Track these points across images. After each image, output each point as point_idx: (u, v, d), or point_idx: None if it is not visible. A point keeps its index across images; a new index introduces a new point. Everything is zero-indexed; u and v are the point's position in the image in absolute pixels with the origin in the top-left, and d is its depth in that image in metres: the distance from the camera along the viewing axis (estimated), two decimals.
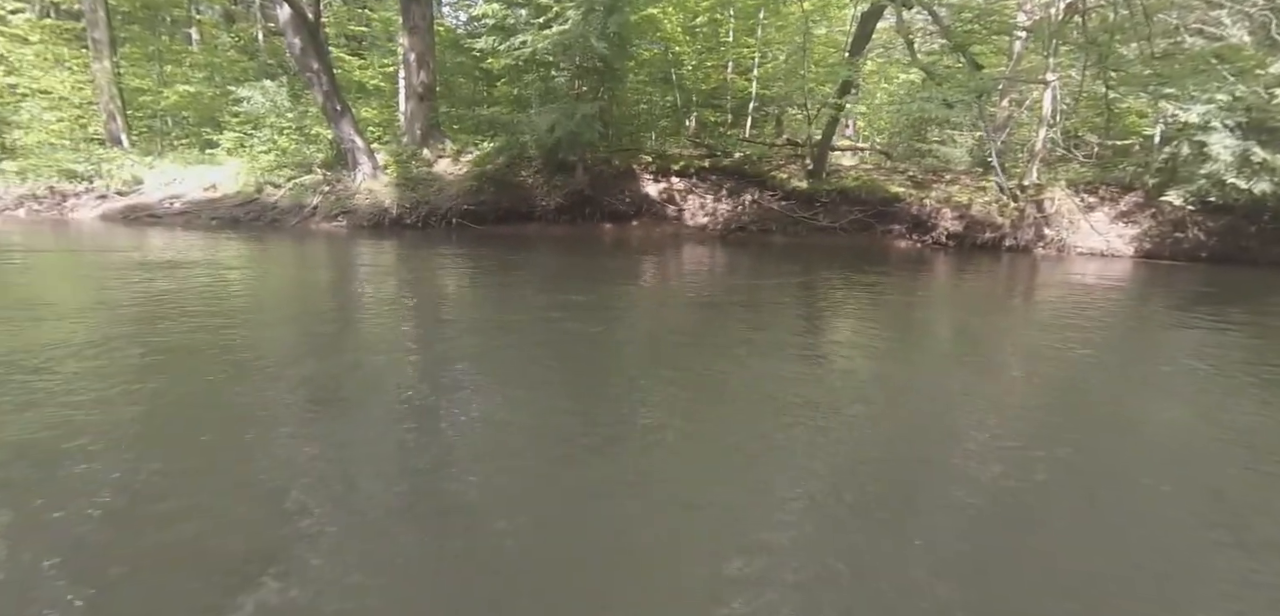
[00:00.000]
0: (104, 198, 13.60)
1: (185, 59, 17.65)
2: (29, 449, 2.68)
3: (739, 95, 14.54)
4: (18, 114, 14.48)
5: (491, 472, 2.68)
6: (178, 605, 1.84)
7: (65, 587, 1.86)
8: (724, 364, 4.35)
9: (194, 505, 2.33)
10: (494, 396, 3.65)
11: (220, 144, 14.04)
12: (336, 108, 11.99)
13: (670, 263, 9.42)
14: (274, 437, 2.98)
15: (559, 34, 10.08)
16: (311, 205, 12.27)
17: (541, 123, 10.88)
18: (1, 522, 2.18)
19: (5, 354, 3.96)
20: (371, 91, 15.78)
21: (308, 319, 5.72)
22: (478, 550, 2.13)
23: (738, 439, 3.14)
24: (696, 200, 13.35)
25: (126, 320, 5.06)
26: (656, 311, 6.31)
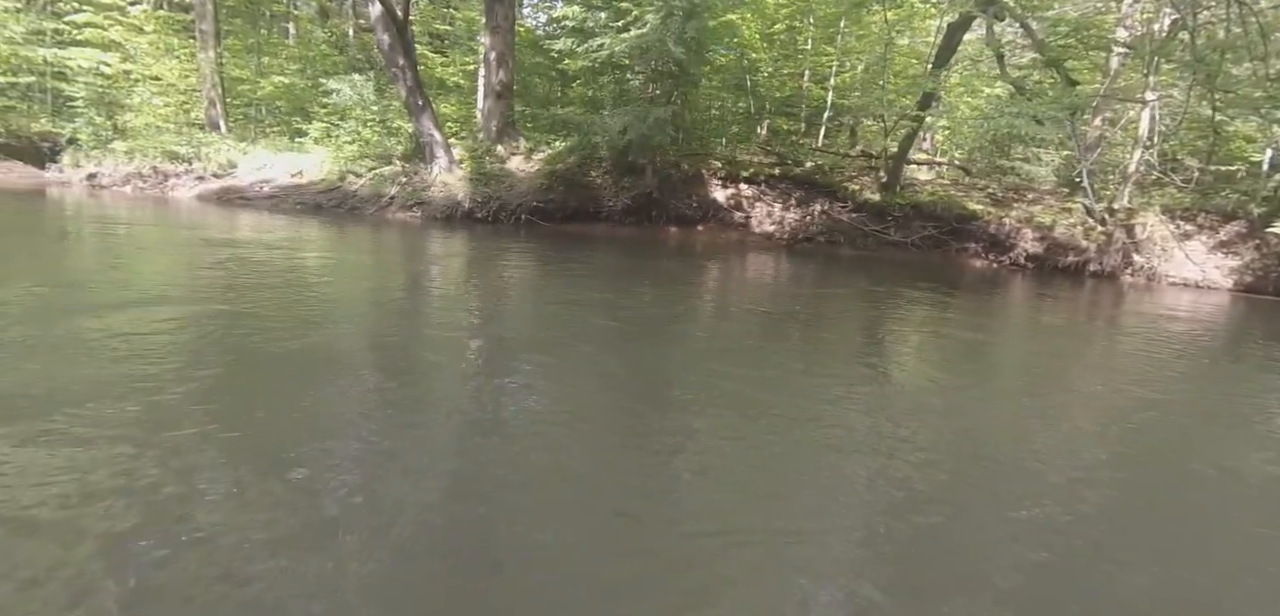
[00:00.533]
0: (201, 179, 14.51)
1: (281, 52, 18.69)
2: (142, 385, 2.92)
3: (814, 104, 14.31)
4: (130, 98, 15.59)
5: (522, 466, 2.72)
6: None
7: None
8: (779, 379, 4.24)
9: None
10: (542, 393, 3.65)
11: (308, 133, 14.76)
12: (418, 102, 12.42)
13: (734, 269, 9.36)
14: (327, 401, 3.20)
15: (636, 37, 10.16)
16: (389, 195, 12.73)
17: (614, 124, 10.99)
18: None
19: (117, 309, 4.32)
20: (451, 88, 16.31)
21: (376, 299, 6.07)
22: (491, 546, 2.17)
23: (786, 462, 2.99)
24: (764, 207, 13.21)
25: (214, 287, 5.48)
26: (716, 319, 6.27)
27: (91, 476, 2.33)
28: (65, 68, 16.27)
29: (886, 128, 12.91)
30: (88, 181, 15.10)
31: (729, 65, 13.29)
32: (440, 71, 16.56)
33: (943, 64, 11.48)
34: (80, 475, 2.33)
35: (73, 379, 3.21)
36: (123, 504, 2.18)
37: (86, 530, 2.03)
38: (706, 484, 2.73)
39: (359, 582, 1.90)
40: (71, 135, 16.30)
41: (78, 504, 2.16)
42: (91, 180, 15.11)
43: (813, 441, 3.22)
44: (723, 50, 12.87)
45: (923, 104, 11.81)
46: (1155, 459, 3.39)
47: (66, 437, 2.60)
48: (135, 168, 14.78)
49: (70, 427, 2.68)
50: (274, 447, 2.67)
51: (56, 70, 17.57)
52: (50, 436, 2.60)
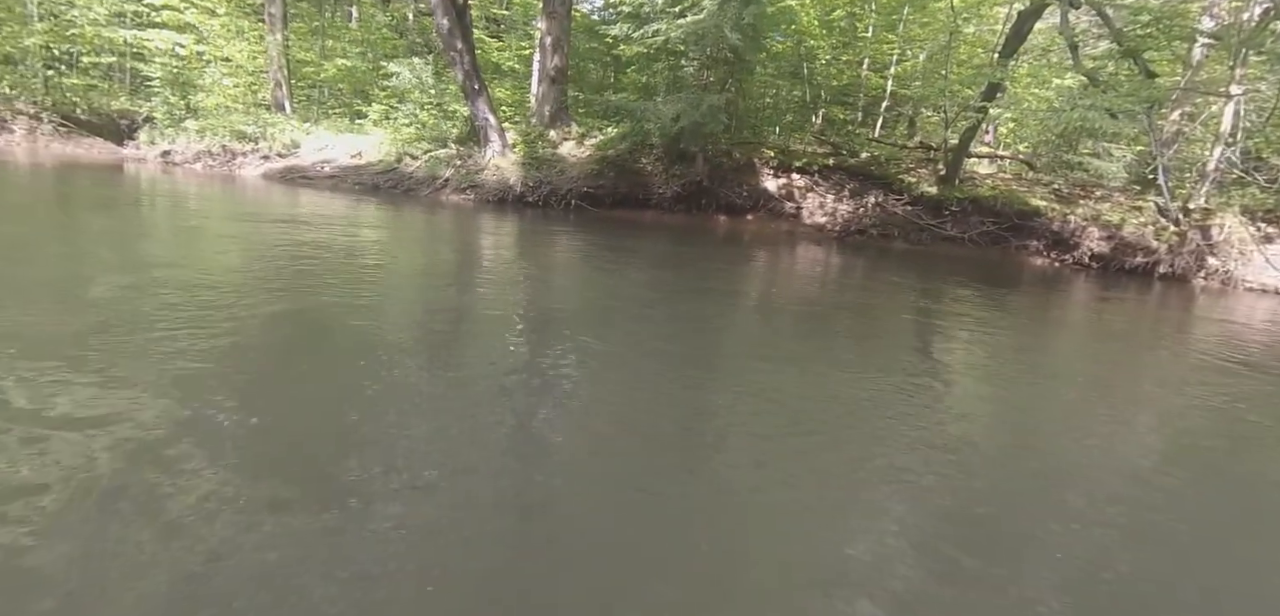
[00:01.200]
0: (266, 158, 15.04)
1: (344, 35, 19.22)
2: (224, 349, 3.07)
3: (872, 93, 13.99)
4: (202, 78, 16.25)
5: (553, 453, 2.72)
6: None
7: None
8: (823, 377, 4.11)
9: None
10: (580, 378, 3.63)
11: (368, 115, 15.15)
12: (474, 87, 12.60)
13: (782, 260, 9.24)
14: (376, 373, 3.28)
15: (692, 23, 10.08)
16: (444, 177, 12.97)
17: (667, 111, 10.95)
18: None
19: (190, 281, 4.53)
20: (506, 73, 16.51)
21: (428, 278, 6.27)
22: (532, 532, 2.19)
23: (828, 470, 2.83)
24: (816, 198, 12.99)
25: (279, 261, 5.69)
26: (762, 311, 6.18)
27: (184, 423, 2.47)
28: (144, 49, 17.06)
29: (947, 119, 12.52)
30: (162, 158, 15.82)
31: (785, 52, 13.09)
32: (496, 56, 16.78)
33: (1010, 53, 11.06)
34: (179, 426, 2.47)
35: (159, 339, 3.41)
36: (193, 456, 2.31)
37: (187, 466, 2.15)
38: (739, 485, 2.63)
39: (424, 525, 2.00)
40: (148, 113, 17.10)
41: (180, 449, 2.30)
42: (165, 157, 15.83)
43: (851, 446, 3.06)
44: (779, 37, 12.67)
45: (987, 95, 11.41)
46: (1226, 480, 3.17)
47: (164, 390, 2.76)
48: (206, 146, 15.42)
49: (166, 381, 2.85)
50: (342, 407, 2.82)
51: (135, 51, 18.45)
52: (160, 385, 2.76)
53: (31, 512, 1.94)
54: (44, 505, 1.98)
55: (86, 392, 2.73)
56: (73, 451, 2.28)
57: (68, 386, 2.76)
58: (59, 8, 18.99)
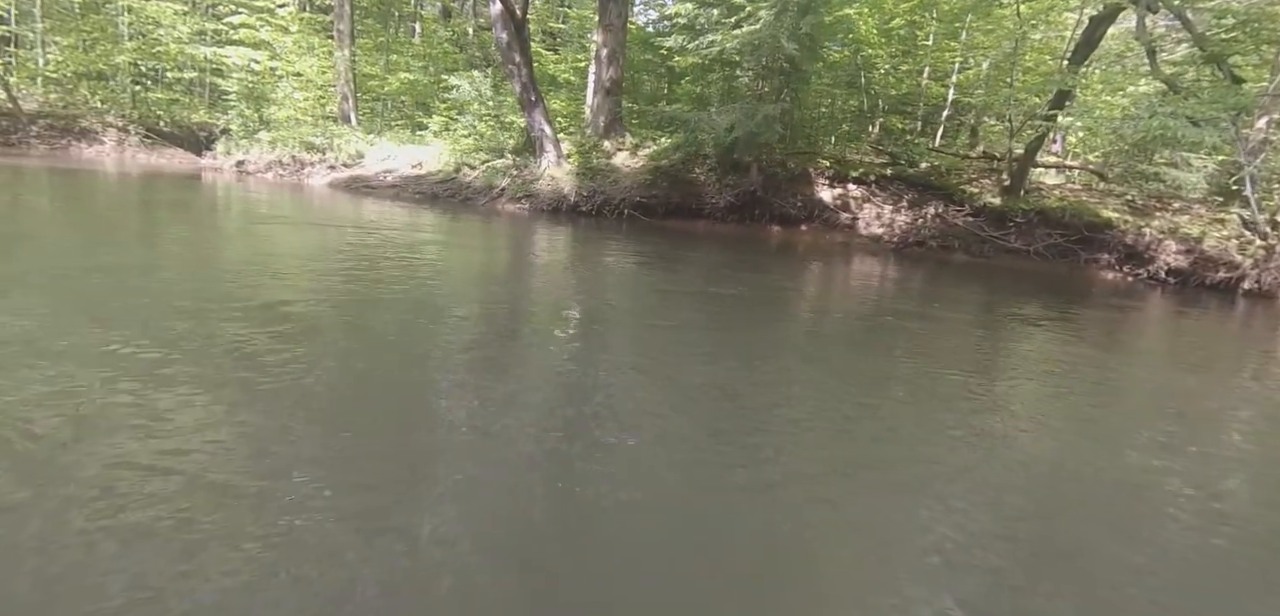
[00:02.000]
0: (333, 168, 15.66)
1: (407, 49, 19.94)
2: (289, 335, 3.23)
3: (932, 102, 13.65)
4: (275, 92, 17.07)
5: (596, 455, 2.73)
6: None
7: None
8: (877, 397, 3.94)
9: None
10: (624, 391, 3.58)
11: (429, 127, 15.62)
12: (531, 98, 12.86)
13: (837, 272, 9.09)
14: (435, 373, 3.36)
15: (749, 33, 10.05)
16: (500, 187, 13.25)
17: (721, 121, 10.93)
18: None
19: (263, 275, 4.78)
20: (562, 84, 16.80)
21: (481, 283, 6.49)
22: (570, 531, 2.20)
23: (885, 515, 2.57)
24: (873, 209, 12.74)
25: (344, 265, 5.93)
26: (814, 324, 6.07)
27: (255, 417, 2.61)
28: (222, 65, 18.04)
29: (1012, 128, 12.12)
30: (236, 168, 16.66)
31: (842, 62, 12.91)
32: (552, 68, 17.11)
33: (1081, 60, 10.65)
34: (259, 413, 2.62)
35: (232, 332, 3.60)
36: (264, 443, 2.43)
37: (268, 454, 2.28)
38: (780, 510, 2.49)
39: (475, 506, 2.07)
40: (224, 125, 18.06)
41: (258, 433, 2.43)
42: (239, 167, 16.66)
43: (908, 489, 2.77)
44: (836, 46, 12.51)
45: (1056, 103, 11.00)
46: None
47: (232, 382, 2.92)
48: (277, 156, 16.16)
49: (234, 372, 3.01)
50: (398, 405, 3.00)
51: (214, 67, 19.52)
52: (238, 382, 2.92)
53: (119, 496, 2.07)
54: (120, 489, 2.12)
55: (159, 377, 2.91)
56: (148, 433, 2.43)
57: (144, 370, 2.95)
58: (147, 27, 20.26)
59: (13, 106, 19.09)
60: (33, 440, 2.38)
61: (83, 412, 2.62)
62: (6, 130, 18.66)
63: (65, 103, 20.21)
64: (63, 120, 19.63)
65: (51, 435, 2.43)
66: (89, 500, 2.06)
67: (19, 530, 1.89)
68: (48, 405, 2.66)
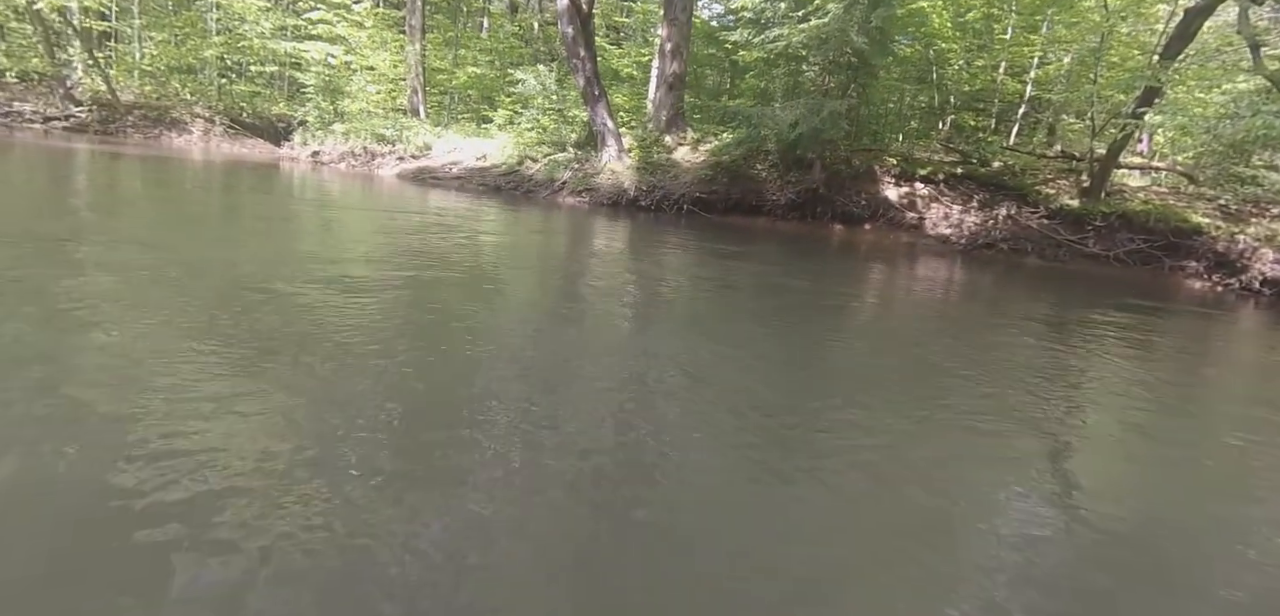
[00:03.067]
0: (402, 159, 16.21)
1: (475, 44, 20.46)
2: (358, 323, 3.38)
3: (1007, 98, 13.13)
4: (349, 85, 17.76)
5: (641, 464, 2.64)
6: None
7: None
8: (936, 412, 3.57)
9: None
10: (673, 391, 3.43)
11: (494, 120, 15.97)
12: (594, 93, 12.98)
13: (901, 272, 8.82)
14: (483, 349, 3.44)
15: (816, 27, 9.88)
16: (561, 180, 13.44)
17: (785, 117, 10.79)
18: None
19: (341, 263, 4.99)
20: (624, 79, 16.91)
21: (542, 271, 6.58)
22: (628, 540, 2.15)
23: (944, 569, 2.25)
24: (940, 209, 12.35)
25: (410, 250, 6.15)
26: (875, 326, 5.85)
27: (327, 399, 2.74)
28: (301, 59, 18.88)
29: (1094, 127, 11.53)
30: (312, 158, 17.43)
31: (913, 57, 12.54)
32: (615, 62, 17.26)
33: (1173, 55, 10.03)
34: (324, 392, 2.75)
35: (304, 318, 3.78)
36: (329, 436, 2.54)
37: (344, 435, 2.40)
38: (827, 535, 2.29)
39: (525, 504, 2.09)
40: (301, 117, 18.89)
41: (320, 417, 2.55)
42: (315, 157, 17.42)
43: (971, 541, 2.41)
44: (907, 41, 12.16)
45: (1144, 100, 10.40)
46: None
47: (307, 367, 3.07)
48: (349, 147, 16.84)
49: (307, 356, 3.16)
50: (456, 384, 3.08)
51: (294, 61, 20.44)
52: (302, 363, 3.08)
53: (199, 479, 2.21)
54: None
55: (238, 356, 3.08)
56: (227, 411, 2.58)
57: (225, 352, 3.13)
58: (233, 23, 21.37)
59: (112, 98, 20.46)
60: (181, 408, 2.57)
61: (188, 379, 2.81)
62: (106, 120, 20.02)
63: (158, 94, 21.54)
64: (155, 111, 20.92)
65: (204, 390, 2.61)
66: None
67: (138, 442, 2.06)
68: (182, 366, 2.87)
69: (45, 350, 3.01)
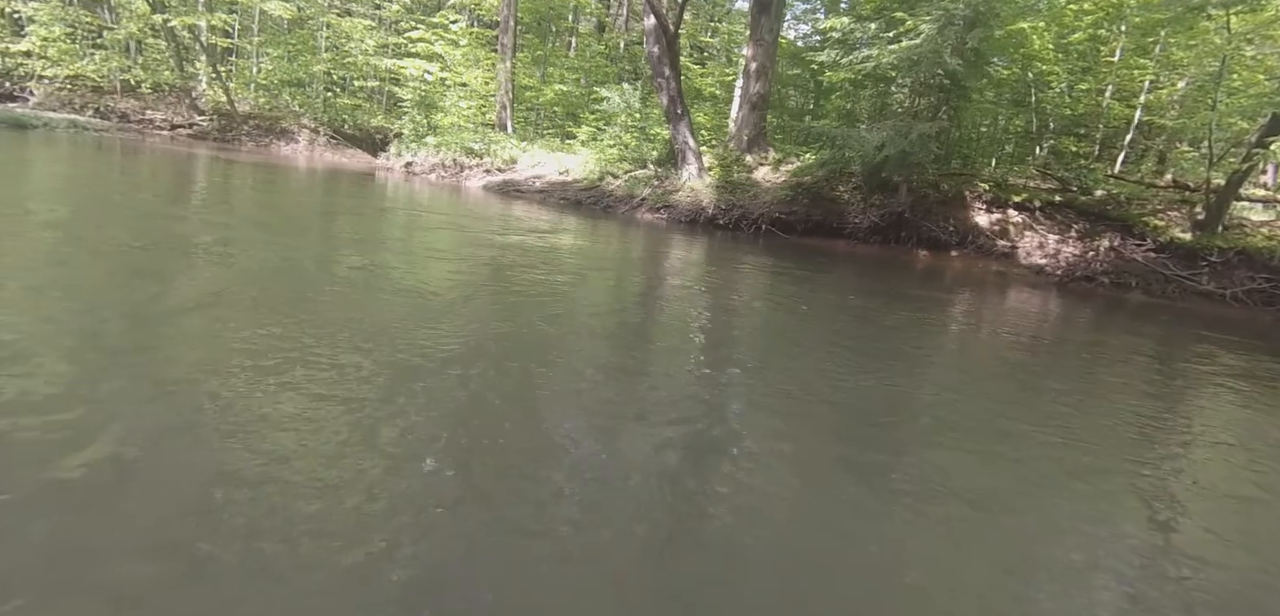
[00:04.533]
0: (488, 172, 16.83)
1: (563, 62, 21.13)
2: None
3: (1113, 123, 12.42)
4: (443, 101, 18.64)
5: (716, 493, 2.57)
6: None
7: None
8: (1026, 465, 3.20)
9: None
10: (744, 417, 3.35)
11: (577, 136, 16.39)
12: (677, 111, 13.14)
13: (990, 304, 8.41)
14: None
15: (908, 48, 9.68)
16: (640, 196, 13.63)
17: (871, 139, 10.59)
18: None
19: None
20: (707, 98, 17.04)
21: (619, 282, 6.76)
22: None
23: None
24: (1035, 237, 11.77)
25: (490, 257, 6.39)
26: (960, 363, 5.43)
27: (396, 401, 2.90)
28: (400, 75, 19.96)
29: (1212, 155, 10.76)
30: (405, 168, 18.35)
31: (1010, 79, 12.06)
32: (698, 81, 17.43)
33: None
34: (401, 392, 2.92)
35: (388, 315, 4.02)
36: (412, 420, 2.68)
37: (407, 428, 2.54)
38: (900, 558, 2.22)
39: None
40: (397, 130, 19.95)
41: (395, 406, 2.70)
42: (408, 167, 18.33)
43: (1057, 551, 2.35)
44: (1004, 62, 11.72)
45: (1271, 129, 9.63)
46: None
47: (388, 361, 3.26)
48: (440, 159, 17.63)
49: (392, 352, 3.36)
50: (523, 398, 3.15)
51: (393, 77, 21.63)
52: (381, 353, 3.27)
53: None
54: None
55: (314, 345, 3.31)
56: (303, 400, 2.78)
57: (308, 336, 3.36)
58: (341, 41, 22.85)
59: (231, 108, 22.23)
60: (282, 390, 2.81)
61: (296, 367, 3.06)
62: (224, 128, 21.75)
63: (270, 106, 23.24)
64: (268, 121, 22.59)
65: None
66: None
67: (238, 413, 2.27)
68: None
69: (150, 340, 3.33)
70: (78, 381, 2.67)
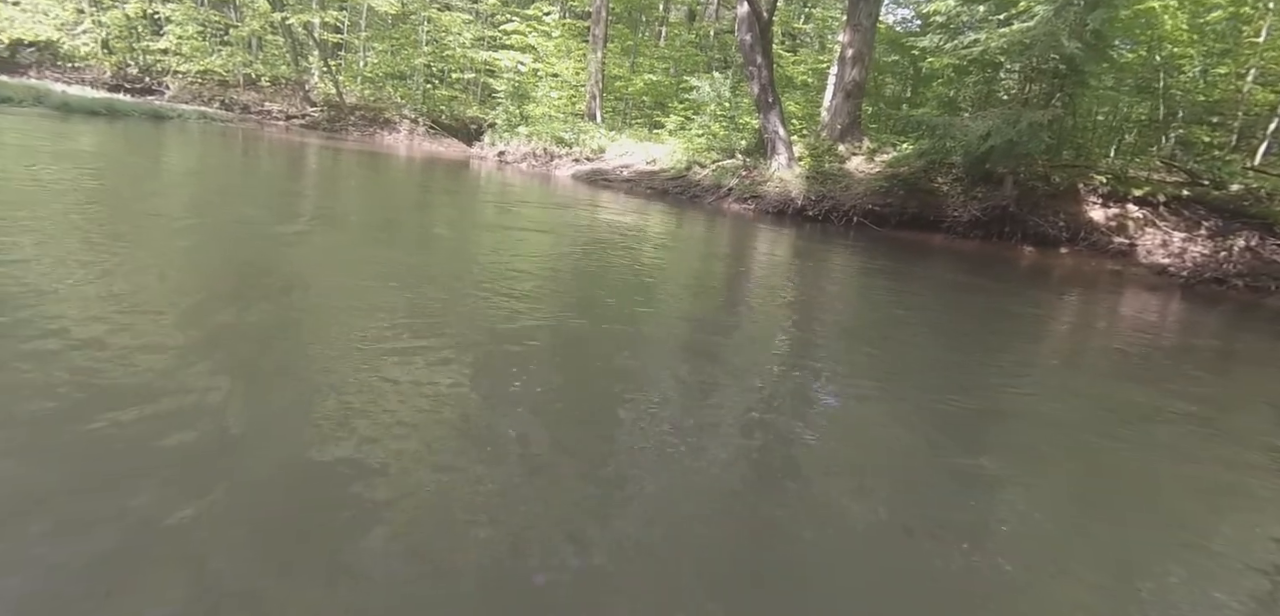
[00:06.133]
0: (577, 161, 17.16)
1: (653, 52, 21.27)
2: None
3: (1255, 111, 11.29)
4: (535, 91, 19.15)
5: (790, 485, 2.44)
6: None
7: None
8: (1153, 508, 2.78)
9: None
10: (823, 431, 3.06)
11: (665, 125, 16.45)
12: (769, 100, 12.94)
13: (1103, 304, 7.80)
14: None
15: (1020, 31, 9.14)
16: (728, 187, 13.53)
17: (976, 128, 10.08)
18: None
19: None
20: (798, 86, 16.71)
21: (700, 275, 6.70)
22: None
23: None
24: (1157, 235, 10.89)
25: (578, 243, 6.50)
26: (1069, 376, 4.80)
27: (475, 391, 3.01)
28: (495, 66, 20.63)
29: None
30: (498, 157, 18.98)
31: (1134, 63, 11.17)
32: (790, 69, 17.12)
33: None
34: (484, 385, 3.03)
35: (464, 303, 4.19)
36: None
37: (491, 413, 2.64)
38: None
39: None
40: (491, 120, 20.65)
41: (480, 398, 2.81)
42: (500, 156, 18.95)
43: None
44: (1129, 45, 10.86)
45: None
46: None
47: (459, 351, 3.40)
48: (531, 148, 18.12)
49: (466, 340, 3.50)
50: (613, 381, 3.16)
51: (488, 69, 22.39)
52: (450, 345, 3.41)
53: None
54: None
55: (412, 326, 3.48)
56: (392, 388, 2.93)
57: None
58: (440, 35, 23.86)
59: (339, 100, 23.65)
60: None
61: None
62: (333, 119, 23.17)
63: (374, 97, 24.55)
64: (372, 112, 23.89)
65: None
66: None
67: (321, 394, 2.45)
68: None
69: (278, 322, 3.57)
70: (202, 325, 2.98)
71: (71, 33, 24.52)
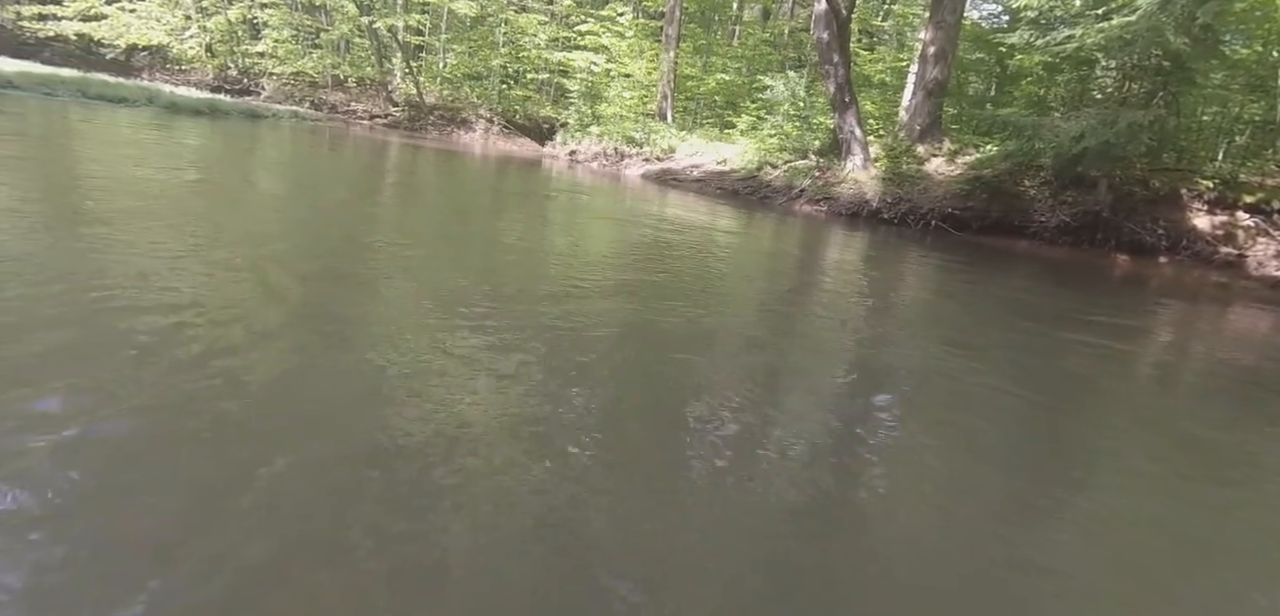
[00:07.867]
0: (647, 161, 17.29)
1: (726, 51, 21.20)
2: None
3: None
4: (607, 91, 19.40)
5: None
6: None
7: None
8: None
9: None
10: (890, 457, 2.73)
11: (737, 125, 16.37)
12: (845, 99, 12.70)
13: (1207, 319, 7.22)
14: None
15: (1120, 25, 8.65)
16: (800, 188, 13.34)
17: (1068, 129, 9.61)
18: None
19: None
20: (875, 85, 16.32)
21: (772, 278, 6.58)
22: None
23: None
24: (1271, 245, 10.11)
25: (642, 244, 6.51)
26: (1161, 393, 4.40)
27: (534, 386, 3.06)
28: (568, 67, 21.01)
29: None
30: (569, 156, 19.32)
31: (1248, 59, 10.39)
32: (867, 67, 16.73)
33: None
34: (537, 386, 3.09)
35: (529, 294, 4.31)
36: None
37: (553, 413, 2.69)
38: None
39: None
40: (563, 120, 21.04)
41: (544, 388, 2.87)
42: (572, 156, 19.29)
43: None
44: (1243, 40, 10.12)
45: None
46: None
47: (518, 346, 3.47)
48: (602, 147, 18.37)
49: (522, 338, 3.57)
50: (671, 389, 3.05)
51: (562, 70, 22.83)
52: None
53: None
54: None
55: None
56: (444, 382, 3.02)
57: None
58: (516, 36, 24.49)
59: (419, 100, 24.59)
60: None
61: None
62: (413, 118, 24.11)
63: (453, 97, 25.41)
64: (450, 111, 24.72)
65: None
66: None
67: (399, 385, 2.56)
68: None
69: (341, 310, 3.62)
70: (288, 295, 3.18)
71: (180, 37, 26.45)
